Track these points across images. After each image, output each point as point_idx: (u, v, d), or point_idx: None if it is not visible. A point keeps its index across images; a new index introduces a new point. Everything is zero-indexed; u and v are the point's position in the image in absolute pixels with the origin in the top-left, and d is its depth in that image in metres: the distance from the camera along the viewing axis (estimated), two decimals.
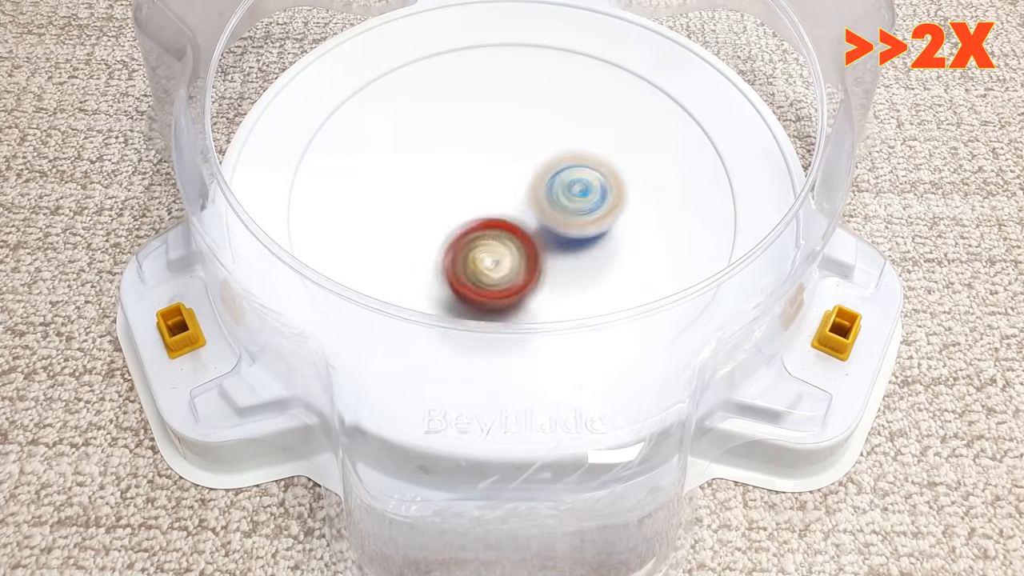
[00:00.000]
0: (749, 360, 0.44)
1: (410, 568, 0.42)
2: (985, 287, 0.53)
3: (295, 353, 0.43)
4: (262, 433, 0.44)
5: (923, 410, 0.48)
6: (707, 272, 0.42)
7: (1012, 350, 0.51)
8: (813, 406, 0.44)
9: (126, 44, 0.66)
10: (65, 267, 0.53)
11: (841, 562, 0.43)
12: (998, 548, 0.44)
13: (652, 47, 0.59)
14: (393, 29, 0.60)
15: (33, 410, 0.48)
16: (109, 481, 0.45)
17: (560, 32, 0.59)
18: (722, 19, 0.68)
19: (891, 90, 0.64)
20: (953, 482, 0.46)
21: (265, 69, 0.64)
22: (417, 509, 0.40)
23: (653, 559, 0.42)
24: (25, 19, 0.68)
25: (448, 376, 0.43)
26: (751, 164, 0.52)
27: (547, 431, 0.41)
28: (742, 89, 0.56)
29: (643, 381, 0.42)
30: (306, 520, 0.44)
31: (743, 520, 0.45)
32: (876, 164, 0.59)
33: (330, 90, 0.56)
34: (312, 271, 0.42)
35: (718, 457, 0.46)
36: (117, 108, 0.62)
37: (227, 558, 0.43)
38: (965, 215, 0.57)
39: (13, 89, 0.63)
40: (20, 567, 0.43)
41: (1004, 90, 0.64)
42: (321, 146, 0.53)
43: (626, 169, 0.49)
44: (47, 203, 0.57)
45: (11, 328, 0.51)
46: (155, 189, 0.57)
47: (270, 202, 0.50)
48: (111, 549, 0.43)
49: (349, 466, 0.41)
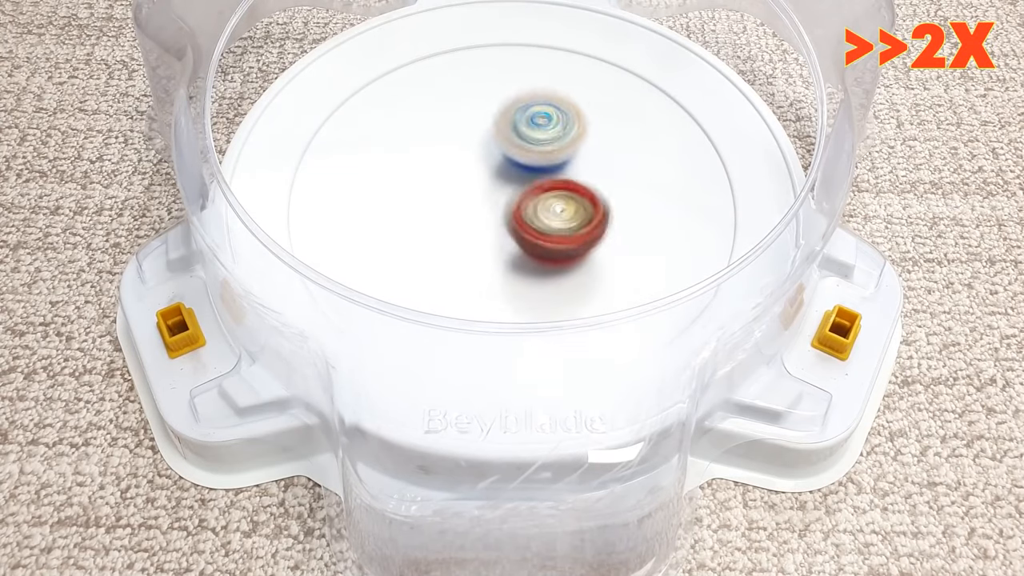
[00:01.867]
0: (749, 360, 0.44)
1: (410, 568, 0.42)
2: (985, 287, 0.53)
3: (295, 353, 0.43)
4: (262, 433, 0.44)
5: (923, 410, 0.48)
6: (707, 272, 0.42)
7: (1012, 350, 0.51)
8: (813, 406, 0.44)
9: (126, 44, 0.66)
10: (65, 267, 0.53)
11: (841, 562, 0.43)
12: (998, 548, 0.44)
13: (652, 47, 0.59)
14: (393, 29, 0.60)
15: (33, 410, 0.48)
16: (109, 481, 0.45)
17: (560, 32, 0.59)
18: (722, 19, 0.68)
19: (891, 90, 0.64)
20: (953, 482, 0.46)
21: (265, 69, 0.64)
22: (417, 509, 0.40)
23: (653, 559, 0.42)
24: (25, 19, 0.68)
25: (448, 376, 0.43)
26: (751, 164, 0.52)
27: (547, 431, 0.41)
28: (742, 89, 0.56)
29: (643, 381, 0.42)
30: (306, 520, 0.44)
31: (743, 520, 0.45)
32: (876, 164, 0.59)
33: (330, 90, 0.56)
34: (312, 271, 0.42)
35: (718, 457, 0.46)
36: (117, 108, 0.62)
37: (227, 558, 0.43)
38: (965, 215, 0.57)
39: (13, 89, 0.63)
40: (20, 567, 0.43)
41: (1004, 90, 0.64)
42: (321, 146, 0.53)
43: (626, 169, 0.50)
44: (47, 203, 0.57)
45: (11, 328, 0.51)
46: (155, 189, 0.57)
47: (270, 202, 0.50)
48: (111, 549, 0.43)
49: (349, 466, 0.40)
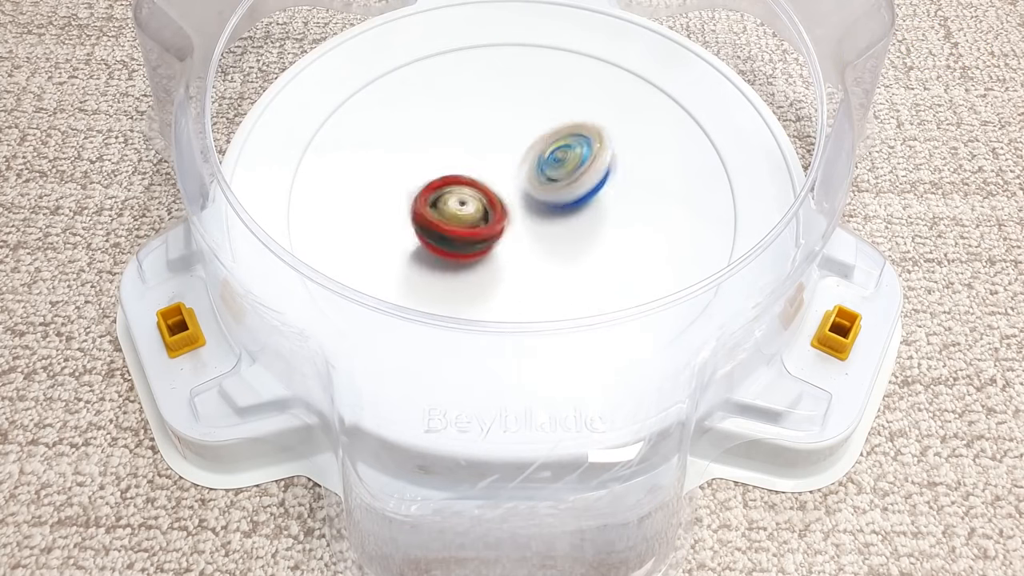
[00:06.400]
0: (749, 360, 0.44)
1: (410, 567, 0.42)
2: (985, 287, 0.53)
3: (295, 352, 0.43)
4: (262, 433, 0.44)
5: (923, 410, 0.48)
6: (707, 271, 0.42)
7: (1012, 350, 0.51)
8: (813, 406, 0.44)
9: (126, 44, 0.66)
10: (65, 267, 0.53)
11: (841, 562, 0.43)
12: (998, 548, 0.44)
13: (652, 47, 0.59)
14: (393, 29, 0.60)
15: (33, 410, 0.48)
16: (109, 481, 0.45)
17: (560, 32, 0.59)
18: (722, 19, 0.68)
19: (891, 90, 0.64)
20: (953, 482, 0.46)
21: (265, 69, 0.64)
22: (417, 508, 0.40)
23: (653, 558, 0.42)
24: (25, 19, 0.68)
25: (448, 375, 0.43)
26: (751, 164, 0.52)
27: (547, 430, 0.41)
28: (742, 89, 0.56)
29: (643, 380, 0.42)
30: (306, 520, 0.44)
31: (743, 520, 0.45)
32: (876, 164, 0.59)
33: (330, 90, 0.56)
34: (312, 270, 0.42)
35: (718, 457, 0.46)
36: (117, 108, 0.62)
37: (227, 558, 0.43)
38: (965, 215, 0.57)
39: (13, 89, 0.63)
40: (20, 567, 0.43)
41: (1004, 90, 0.64)
42: (321, 146, 0.53)
43: (626, 169, 0.49)
44: (47, 203, 0.57)
45: (11, 328, 0.51)
46: (155, 189, 0.57)
47: (270, 202, 0.50)
48: (111, 549, 0.43)
49: (349, 466, 0.40)
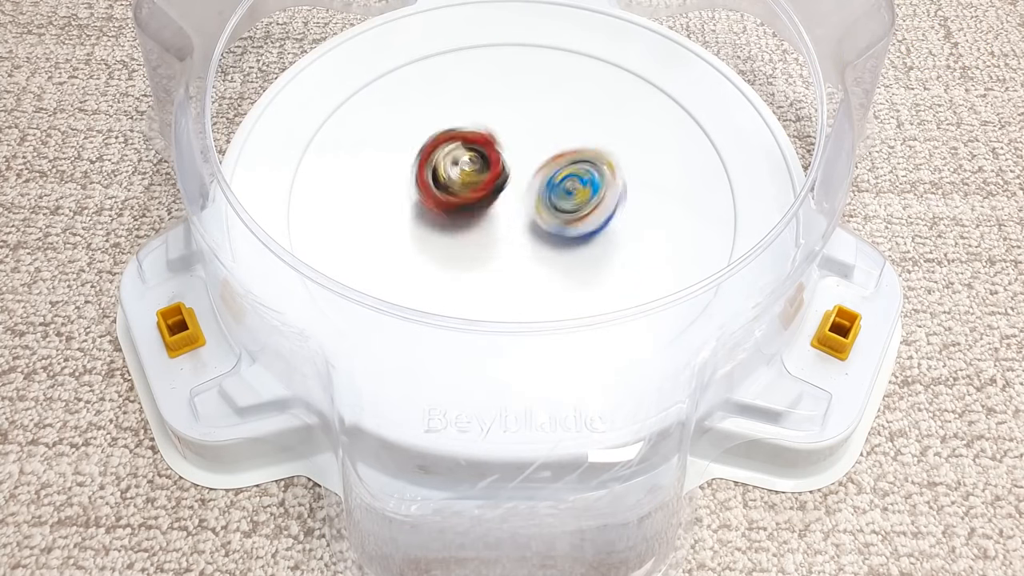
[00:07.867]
0: (749, 360, 0.44)
1: (410, 567, 0.42)
2: (985, 287, 0.53)
3: (295, 352, 0.43)
4: (262, 433, 0.44)
5: (923, 410, 0.48)
6: (707, 271, 0.42)
7: (1012, 350, 0.51)
8: (813, 406, 0.44)
9: (126, 44, 0.66)
10: (65, 267, 0.53)
11: (841, 562, 0.43)
12: (998, 548, 0.44)
13: (652, 47, 0.59)
14: (393, 29, 0.60)
15: (33, 410, 0.48)
16: (109, 481, 0.45)
17: (560, 32, 0.59)
18: (722, 19, 0.68)
19: (891, 90, 0.64)
20: (953, 482, 0.46)
21: (265, 69, 0.64)
22: (417, 508, 0.40)
23: (653, 558, 0.42)
24: (25, 19, 0.68)
25: (448, 375, 0.43)
26: (751, 164, 0.52)
27: (547, 430, 0.41)
28: (742, 89, 0.56)
29: (643, 380, 0.42)
30: (306, 520, 0.44)
31: (743, 520, 0.45)
32: (876, 164, 0.59)
33: (330, 90, 0.56)
34: (312, 270, 0.42)
35: (718, 457, 0.46)
36: (117, 108, 0.62)
37: (227, 558, 0.43)
38: (965, 215, 0.57)
39: (13, 89, 0.63)
40: (20, 567, 0.43)
41: (1004, 90, 0.64)
42: (321, 146, 0.53)
43: (626, 169, 0.49)
44: (47, 203, 0.57)
45: (11, 328, 0.51)
46: (155, 189, 0.57)
47: (270, 202, 0.50)
48: (111, 549, 0.43)
49: (349, 466, 0.40)
